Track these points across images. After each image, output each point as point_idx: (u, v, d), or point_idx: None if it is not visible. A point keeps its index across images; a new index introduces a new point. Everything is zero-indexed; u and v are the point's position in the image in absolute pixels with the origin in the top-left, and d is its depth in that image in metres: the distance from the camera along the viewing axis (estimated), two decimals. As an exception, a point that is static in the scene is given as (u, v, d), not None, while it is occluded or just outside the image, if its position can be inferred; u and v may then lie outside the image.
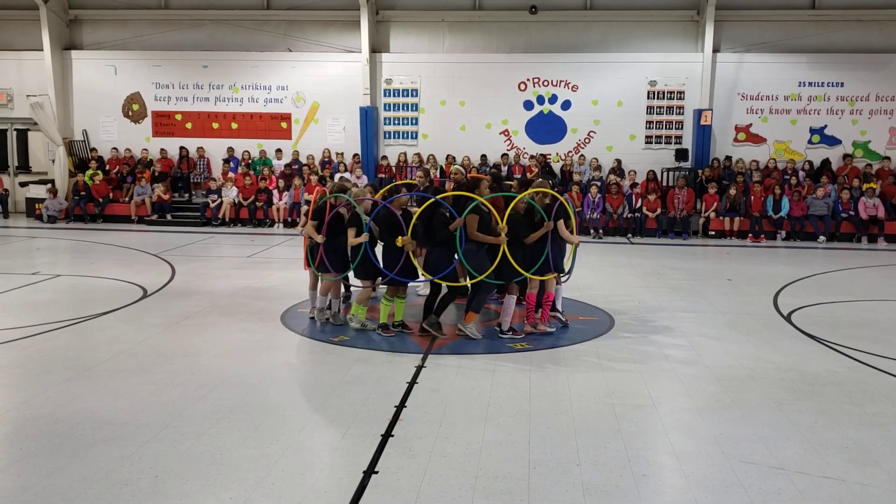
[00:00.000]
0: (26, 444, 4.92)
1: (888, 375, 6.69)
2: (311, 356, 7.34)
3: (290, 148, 19.41)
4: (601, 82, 18.52)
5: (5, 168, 20.29)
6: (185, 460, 4.68)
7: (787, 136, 18.20)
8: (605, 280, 11.00)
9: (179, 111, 19.80)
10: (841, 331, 8.25)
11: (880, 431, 5.35)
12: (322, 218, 7.91)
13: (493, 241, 7.49)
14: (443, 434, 5.16)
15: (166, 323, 8.25)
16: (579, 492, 4.34)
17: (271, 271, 11.81)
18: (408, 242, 7.48)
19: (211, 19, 19.42)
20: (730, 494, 4.35)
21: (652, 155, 18.48)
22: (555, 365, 6.91)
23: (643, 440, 5.14)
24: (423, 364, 6.81)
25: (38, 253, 13.86)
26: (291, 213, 17.73)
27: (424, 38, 19.11)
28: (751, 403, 5.89)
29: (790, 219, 16.61)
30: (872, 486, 4.48)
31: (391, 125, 19.31)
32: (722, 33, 18.02)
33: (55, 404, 5.64)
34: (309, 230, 8.03)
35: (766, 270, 12.47)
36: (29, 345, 7.32)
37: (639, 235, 17.03)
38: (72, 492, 4.24)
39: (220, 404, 5.68)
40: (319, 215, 7.96)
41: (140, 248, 14.11)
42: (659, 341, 7.78)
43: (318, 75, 19.21)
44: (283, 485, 4.39)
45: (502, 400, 5.88)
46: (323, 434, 5.27)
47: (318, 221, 7.94)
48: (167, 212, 18.36)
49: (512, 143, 18.93)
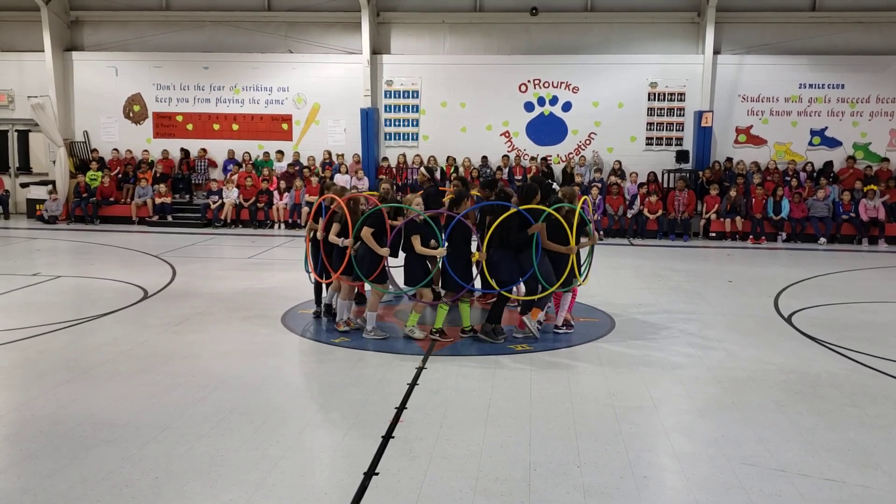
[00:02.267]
0: (26, 445, 4.92)
1: (889, 377, 6.68)
2: (311, 358, 7.34)
3: (291, 149, 19.43)
4: (602, 84, 18.53)
5: (6, 169, 20.31)
6: (185, 462, 4.68)
7: (788, 138, 18.21)
8: (605, 282, 10.99)
9: (180, 112, 19.82)
10: (842, 333, 8.25)
11: (881, 433, 5.34)
12: (379, 225, 7.59)
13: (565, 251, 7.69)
14: (443, 436, 5.15)
15: (167, 324, 8.25)
16: (580, 494, 4.33)
17: (272, 273, 11.81)
18: (482, 256, 7.44)
19: (212, 21, 19.45)
20: (731, 496, 4.34)
21: (653, 156, 18.49)
22: (555, 366, 6.90)
23: (644, 442, 5.13)
24: (423, 366, 6.81)
25: (38, 254, 13.86)
26: (292, 215, 17.74)
27: (425, 39, 19.12)
28: (751, 405, 5.89)
29: (791, 220, 16.61)
30: (873, 488, 4.48)
31: (392, 127, 19.33)
32: (722, 35, 18.04)
33: (55, 405, 5.64)
34: (368, 239, 7.51)
35: (766, 272, 12.47)
36: (29, 346, 7.32)
37: (639, 237, 17.04)
38: (72, 493, 4.24)
39: (220, 406, 5.67)
40: (378, 223, 7.62)
41: (141, 249, 14.12)
42: (659, 343, 7.77)
43: (319, 77, 19.23)
44: (283, 486, 4.38)
45: (503, 402, 5.88)
46: (323, 435, 5.26)
47: (374, 229, 7.54)
48: (167, 213, 18.37)
49: (512, 145, 18.94)
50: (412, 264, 7.66)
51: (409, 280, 7.69)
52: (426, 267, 7.66)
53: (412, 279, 7.65)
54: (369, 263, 7.66)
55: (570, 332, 8.10)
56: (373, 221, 7.60)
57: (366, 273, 7.67)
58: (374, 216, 7.64)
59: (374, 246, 7.53)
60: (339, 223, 7.77)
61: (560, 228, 7.68)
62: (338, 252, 7.86)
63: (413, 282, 7.63)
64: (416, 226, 7.56)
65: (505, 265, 7.59)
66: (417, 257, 7.57)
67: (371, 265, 7.67)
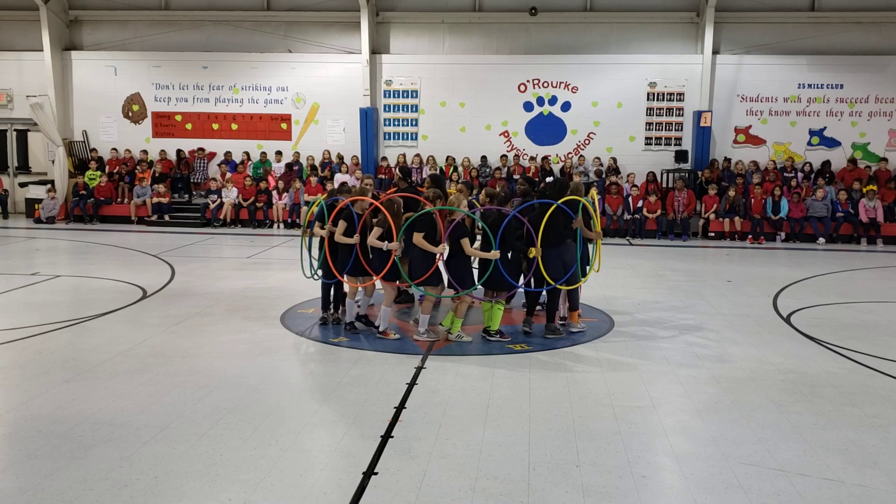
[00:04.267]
0: (25, 444, 4.92)
1: (887, 377, 6.69)
2: (310, 357, 7.34)
3: (290, 149, 19.41)
4: (601, 84, 18.54)
5: (5, 168, 20.29)
6: (184, 461, 4.68)
7: (787, 138, 18.22)
8: (604, 281, 10.99)
9: (179, 112, 19.81)
10: (840, 332, 8.26)
11: (880, 433, 5.35)
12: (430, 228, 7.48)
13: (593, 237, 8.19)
14: (442, 435, 5.16)
15: (166, 324, 8.25)
16: (579, 493, 4.34)
17: (271, 272, 11.81)
18: (538, 252, 7.49)
19: (211, 20, 19.44)
20: (729, 496, 4.35)
21: (652, 156, 18.49)
22: (554, 366, 6.91)
23: (643, 442, 5.14)
24: (422, 365, 6.81)
25: (37, 253, 13.85)
26: (291, 215, 17.74)
27: (424, 39, 19.12)
28: (750, 405, 5.89)
29: (789, 220, 16.62)
30: (872, 487, 4.48)
31: (391, 126, 19.32)
32: (721, 35, 18.04)
33: (54, 405, 5.64)
34: (422, 243, 7.40)
35: (765, 272, 12.48)
36: (28, 345, 7.31)
37: (638, 237, 17.05)
38: (71, 493, 4.24)
39: (219, 405, 5.68)
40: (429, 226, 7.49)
41: (140, 248, 14.11)
42: (658, 343, 7.78)
43: (319, 76, 19.23)
44: (282, 486, 4.39)
45: (502, 401, 5.88)
46: (322, 435, 5.26)
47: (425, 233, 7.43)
48: (164, 213, 18.36)
49: (512, 145, 18.94)
50: (459, 267, 7.56)
51: (459, 283, 7.56)
52: (471, 269, 7.60)
53: (461, 282, 7.54)
54: (422, 266, 7.53)
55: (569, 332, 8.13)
56: (422, 225, 7.47)
57: (417, 276, 7.54)
58: (424, 219, 7.49)
59: (427, 248, 7.42)
60: (381, 226, 7.62)
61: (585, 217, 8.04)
62: (378, 255, 7.70)
63: (463, 285, 7.54)
64: (464, 228, 7.49)
65: (552, 262, 7.73)
66: (465, 260, 7.50)
67: (423, 268, 7.53)
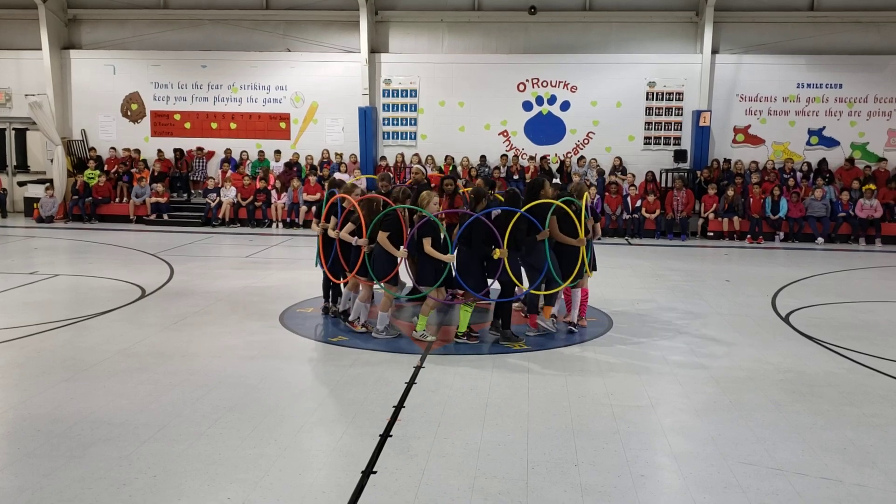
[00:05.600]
0: (24, 443, 4.91)
1: (886, 377, 6.69)
2: (309, 356, 7.34)
3: (289, 148, 19.40)
4: (600, 83, 18.53)
5: (4, 167, 20.27)
6: (183, 460, 4.68)
7: (786, 138, 18.22)
8: (603, 281, 10.98)
9: (178, 111, 19.79)
10: (839, 332, 8.26)
11: (878, 433, 5.35)
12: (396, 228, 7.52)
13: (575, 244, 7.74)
14: (441, 434, 5.16)
15: (165, 323, 8.24)
16: (577, 492, 4.34)
17: (270, 271, 11.80)
18: (504, 253, 7.34)
19: (210, 19, 19.41)
20: (728, 495, 4.35)
21: (651, 156, 18.49)
22: (553, 366, 6.91)
23: (641, 441, 5.14)
24: (421, 364, 6.81)
25: (36, 252, 13.84)
26: (290, 214, 17.73)
27: (423, 38, 19.11)
28: (749, 404, 5.90)
29: (788, 220, 16.63)
30: (870, 487, 4.49)
31: (390, 126, 19.31)
32: (721, 35, 18.04)
33: (53, 404, 5.64)
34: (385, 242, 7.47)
35: (764, 271, 12.48)
36: (27, 344, 7.31)
37: (637, 237, 17.05)
38: (70, 491, 4.24)
39: (218, 404, 5.67)
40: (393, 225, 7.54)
41: (139, 247, 14.10)
42: (657, 342, 7.78)
43: (317, 75, 19.21)
44: (281, 485, 4.38)
45: (500, 401, 5.88)
46: (321, 434, 5.26)
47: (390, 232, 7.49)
48: (163, 212, 18.34)
49: (511, 144, 18.93)
50: (424, 265, 7.58)
51: (421, 280, 7.60)
52: (438, 268, 7.54)
53: (424, 280, 7.56)
54: (384, 265, 7.60)
55: (574, 331, 8.10)
56: (388, 224, 7.53)
57: (379, 275, 7.61)
58: (390, 218, 7.55)
59: (390, 249, 7.49)
60: (354, 223, 7.75)
61: (570, 221, 7.73)
62: (354, 251, 7.83)
63: (425, 282, 7.55)
64: (429, 227, 7.47)
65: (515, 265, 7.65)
66: (429, 259, 7.48)
67: (386, 267, 7.61)
